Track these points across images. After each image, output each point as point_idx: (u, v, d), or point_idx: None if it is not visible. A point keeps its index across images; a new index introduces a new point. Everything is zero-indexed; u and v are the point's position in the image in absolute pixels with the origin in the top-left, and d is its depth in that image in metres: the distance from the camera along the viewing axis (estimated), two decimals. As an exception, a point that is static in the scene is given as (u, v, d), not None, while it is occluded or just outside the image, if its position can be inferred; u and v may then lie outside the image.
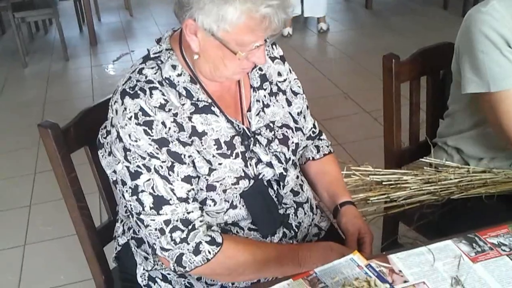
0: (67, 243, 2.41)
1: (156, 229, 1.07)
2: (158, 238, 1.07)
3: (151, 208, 1.06)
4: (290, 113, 1.26)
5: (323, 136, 1.41)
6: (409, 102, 1.61)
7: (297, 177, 1.28)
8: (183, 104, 1.09)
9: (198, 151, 1.09)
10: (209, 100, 1.13)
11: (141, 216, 1.08)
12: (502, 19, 1.28)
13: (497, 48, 1.27)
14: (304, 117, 1.32)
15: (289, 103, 1.27)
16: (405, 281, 0.92)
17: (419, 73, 1.59)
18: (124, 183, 1.08)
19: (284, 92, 1.26)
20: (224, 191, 1.12)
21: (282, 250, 1.15)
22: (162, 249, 1.08)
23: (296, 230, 1.24)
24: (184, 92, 1.10)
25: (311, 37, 5.07)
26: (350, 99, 3.69)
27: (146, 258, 1.21)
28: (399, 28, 5.10)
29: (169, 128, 1.06)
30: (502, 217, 1.11)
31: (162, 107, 1.06)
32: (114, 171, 1.10)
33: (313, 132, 1.37)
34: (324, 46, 4.98)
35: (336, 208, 1.28)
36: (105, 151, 1.14)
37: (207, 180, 1.10)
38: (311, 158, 1.36)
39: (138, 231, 1.18)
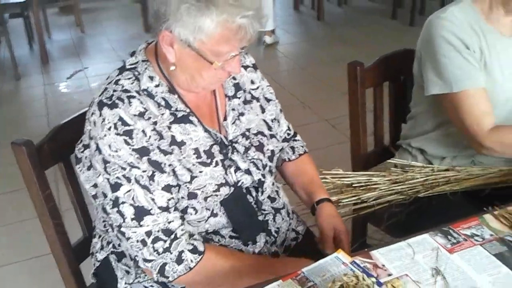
0: (29, 266, 2.34)
1: (137, 241, 1.07)
2: (140, 249, 1.08)
3: (132, 220, 1.06)
4: (264, 120, 1.29)
5: (298, 137, 1.45)
6: (374, 107, 1.67)
7: (273, 183, 1.30)
8: (162, 114, 1.11)
9: (178, 160, 1.10)
10: (187, 110, 1.14)
11: (122, 229, 1.08)
12: (461, 24, 1.36)
13: (457, 51, 1.35)
14: (278, 122, 1.35)
15: (263, 110, 1.30)
16: (389, 275, 0.96)
17: (381, 80, 1.66)
18: (105, 196, 1.08)
19: (257, 100, 1.29)
20: (205, 198, 1.13)
21: (261, 263, 1.18)
22: (145, 260, 1.08)
23: (276, 235, 1.27)
24: (162, 102, 1.12)
25: (265, 49, 5.14)
26: (308, 108, 3.77)
27: (128, 272, 1.21)
28: (351, 39, 5.24)
29: (150, 137, 1.07)
30: (466, 212, 1.17)
31: (141, 115, 1.07)
32: (94, 185, 1.10)
33: (288, 134, 1.41)
34: (278, 58, 5.06)
35: (313, 206, 1.31)
36: (84, 165, 1.13)
37: (188, 188, 1.11)
38: (287, 159, 1.40)
39: (119, 244, 1.18)
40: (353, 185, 1.53)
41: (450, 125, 1.48)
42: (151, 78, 1.12)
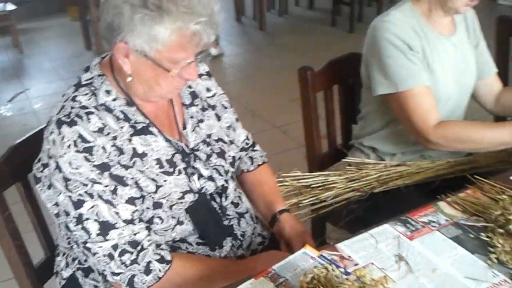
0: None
1: (104, 255, 1.07)
2: (107, 264, 1.07)
3: (97, 235, 1.06)
4: (220, 127, 1.31)
5: (257, 147, 1.47)
6: (325, 110, 1.73)
7: (235, 189, 1.33)
8: (121, 127, 1.11)
9: (141, 171, 1.11)
10: (147, 121, 1.15)
11: (88, 245, 1.07)
12: (403, 26, 1.44)
13: (401, 52, 1.43)
14: (234, 130, 1.37)
15: (219, 118, 1.32)
16: (355, 264, 1.01)
17: (331, 83, 1.71)
18: (67, 214, 1.07)
19: (213, 108, 1.31)
20: (171, 207, 1.14)
21: (229, 265, 1.20)
22: (113, 274, 1.08)
23: (242, 239, 1.29)
24: (121, 116, 1.12)
25: (211, 61, 5.17)
26: (257, 117, 3.82)
27: (96, 287, 1.20)
28: (294, 47, 5.35)
29: (110, 153, 1.07)
30: (419, 203, 1.24)
31: (100, 131, 1.08)
32: (56, 204, 1.09)
33: (246, 144, 1.43)
34: (224, 69, 5.10)
35: (274, 216, 1.33)
36: (44, 185, 1.11)
37: (153, 198, 1.12)
38: (245, 170, 1.41)
39: (85, 260, 1.17)
40: (311, 186, 1.58)
41: (397, 123, 1.56)
42: (108, 92, 1.12)
